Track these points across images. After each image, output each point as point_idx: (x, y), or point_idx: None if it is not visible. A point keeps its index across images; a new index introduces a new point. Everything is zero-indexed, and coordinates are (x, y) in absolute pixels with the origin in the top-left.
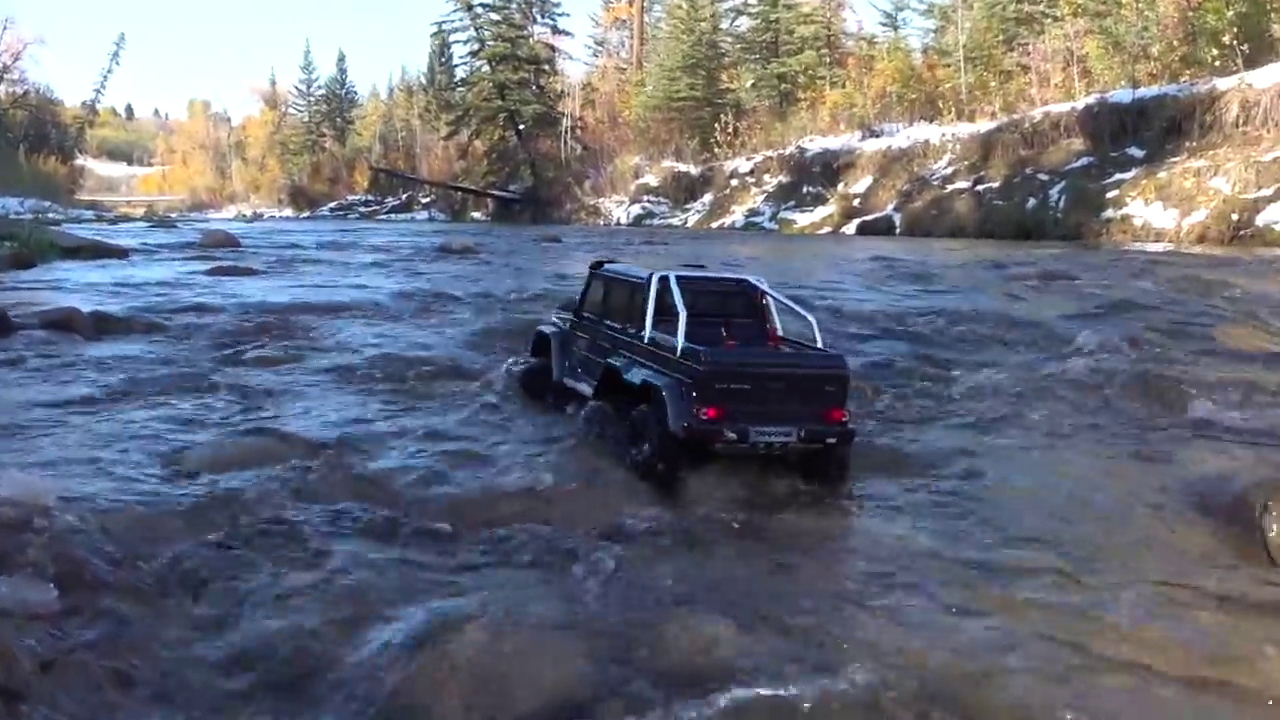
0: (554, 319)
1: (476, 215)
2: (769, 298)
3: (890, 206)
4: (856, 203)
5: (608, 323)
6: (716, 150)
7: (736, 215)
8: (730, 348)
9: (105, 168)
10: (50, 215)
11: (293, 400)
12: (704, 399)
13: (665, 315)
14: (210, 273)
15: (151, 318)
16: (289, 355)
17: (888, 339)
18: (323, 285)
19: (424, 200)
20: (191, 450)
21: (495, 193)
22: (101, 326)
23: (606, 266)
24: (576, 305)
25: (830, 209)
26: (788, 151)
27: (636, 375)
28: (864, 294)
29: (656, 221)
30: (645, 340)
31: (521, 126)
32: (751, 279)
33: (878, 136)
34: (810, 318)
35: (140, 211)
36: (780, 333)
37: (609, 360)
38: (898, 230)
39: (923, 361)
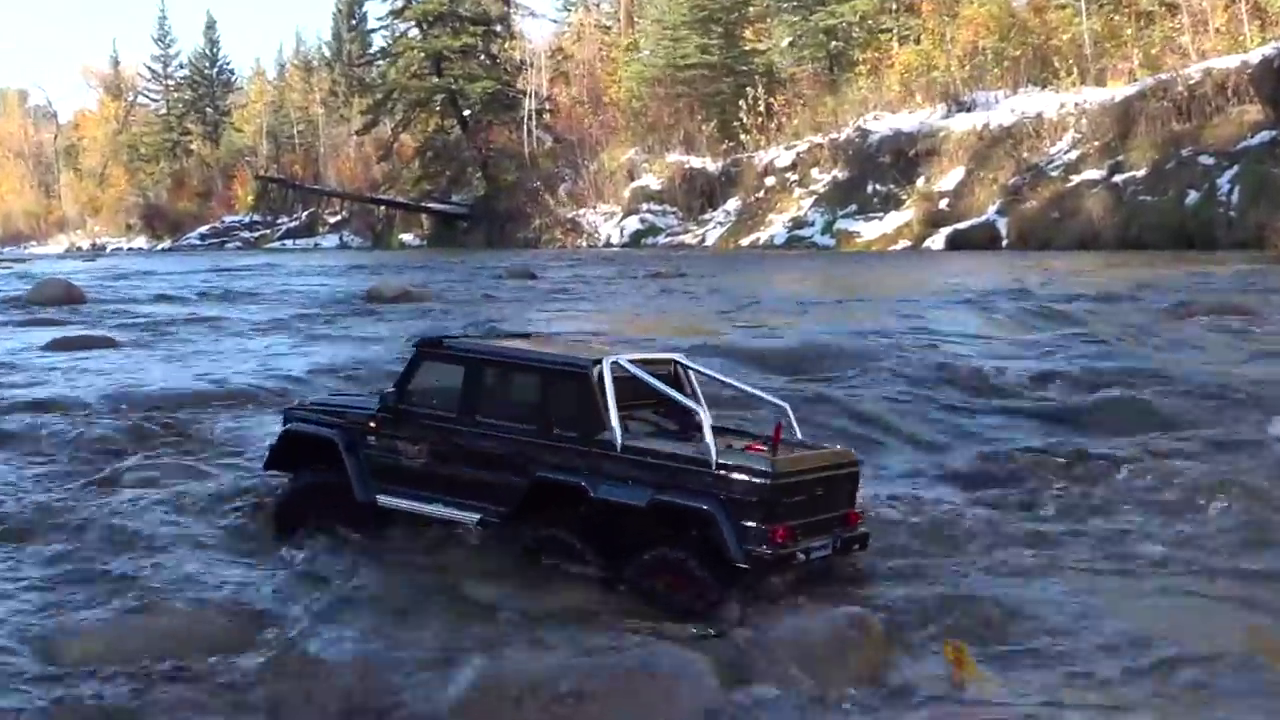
0: (305, 411)
1: (407, 238)
2: (694, 375)
3: (992, 209)
4: (944, 205)
5: (486, 420)
6: (743, 137)
7: (775, 227)
8: (758, 451)
9: None
10: None
11: (191, 549)
12: (772, 518)
13: (596, 411)
14: (51, 347)
15: None
16: (178, 474)
17: (1004, 417)
18: (210, 361)
19: (332, 219)
20: (73, 636)
21: (433, 206)
22: None
23: (454, 343)
24: (393, 395)
25: (907, 215)
26: (843, 135)
27: (628, 494)
28: (974, 347)
29: (662, 240)
30: (618, 447)
31: (467, 112)
32: (679, 356)
33: (969, 110)
34: (783, 405)
35: None
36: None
37: (547, 475)
38: (1004, 242)
39: (1065, 456)
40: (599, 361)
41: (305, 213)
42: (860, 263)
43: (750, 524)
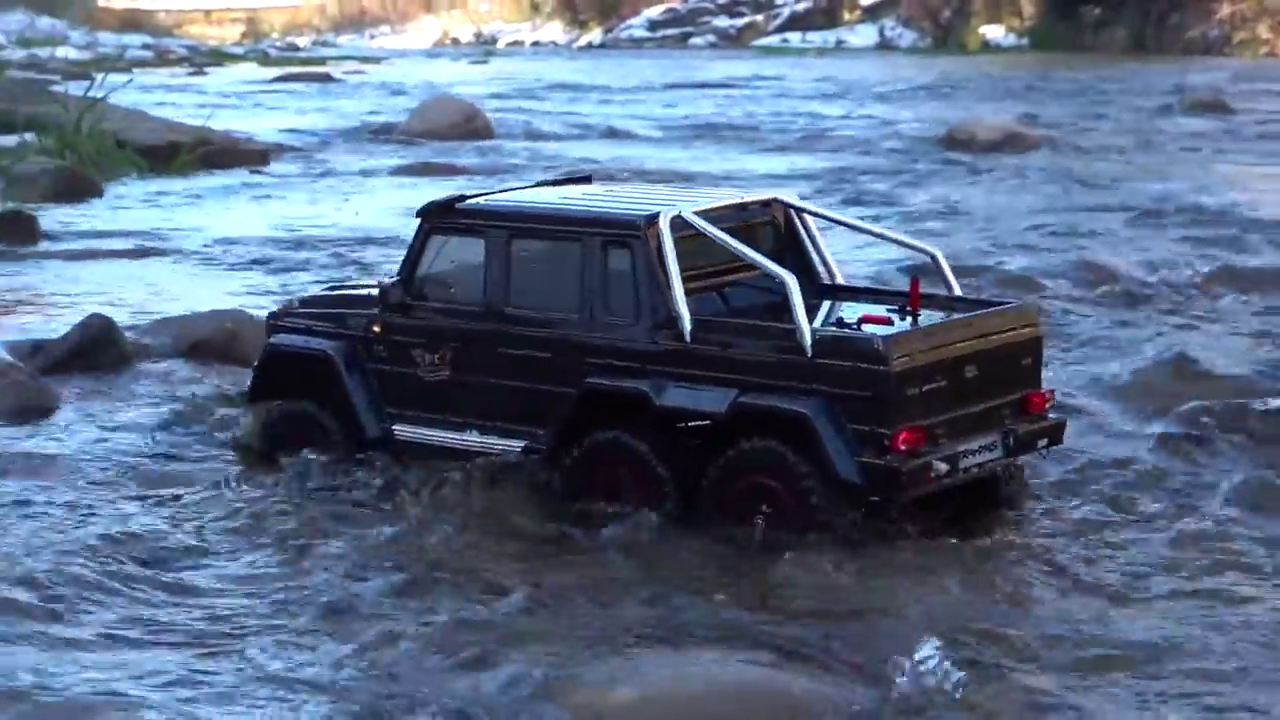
0: (293, 320)
1: (993, 34)
2: (808, 220)
3: None
4: None
5: (520, 312)
6: None
7: None
8: (884, 321)
9: None
10: (60, 54)
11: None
12: (894, 417)
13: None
14: None
15: None
16: None
17: None
18: None
19: (866, 1)
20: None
21: None
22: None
23: (470, 205)
24: (397, 286)
25: None
26: None
27: (703, 399)
28: None
29: None
30: (687, 334)
31: None
32: (782, 195)
33: None
34: (934, 251)
35: (235, 34)
36: (832, 277)
37: (599, 381)
38: None
39: None
40: (655, 217)
41: None
42: None
43: (863, 427)
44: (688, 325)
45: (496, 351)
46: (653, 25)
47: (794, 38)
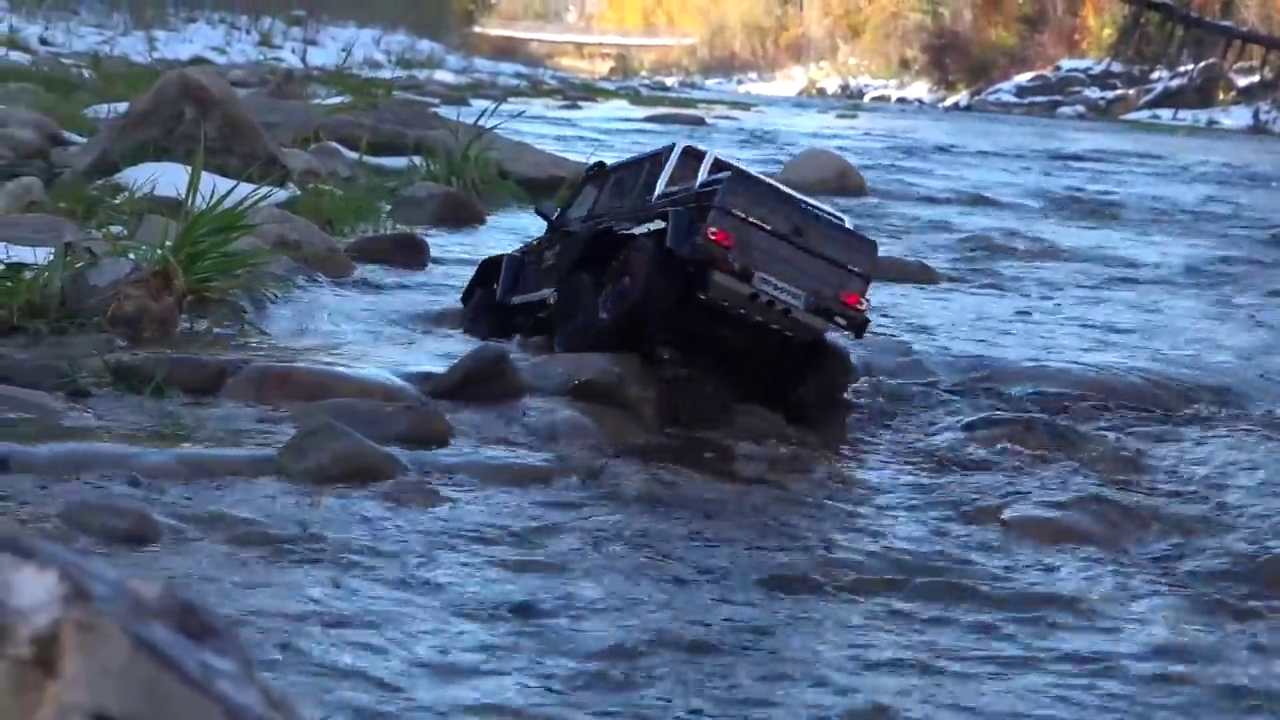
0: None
1: None
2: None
3: None
4: None
5: (579, 226)
6: None
7: None
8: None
9: None
10: (439, 76)
11: None
12: (715, 221)
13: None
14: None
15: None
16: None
17: None
18: (1067, 323)
19: (1243, 81)
20: None
21: None
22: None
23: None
24: (556, 216)
25: None
26: None
27: (639, 229)
28: None
29: None
30: (654, 198)
31: None
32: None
33: None
34: (841, 216)
35: (604, 69)
36: None
37: (600, 227)
38: None
39: None
40: (675, 142)
41: (1198, 67)
42: None
43: (693, 224)
44: (660, 192)
45: (567, 244)
46: (1021, 91)
47: (1164, 114)
